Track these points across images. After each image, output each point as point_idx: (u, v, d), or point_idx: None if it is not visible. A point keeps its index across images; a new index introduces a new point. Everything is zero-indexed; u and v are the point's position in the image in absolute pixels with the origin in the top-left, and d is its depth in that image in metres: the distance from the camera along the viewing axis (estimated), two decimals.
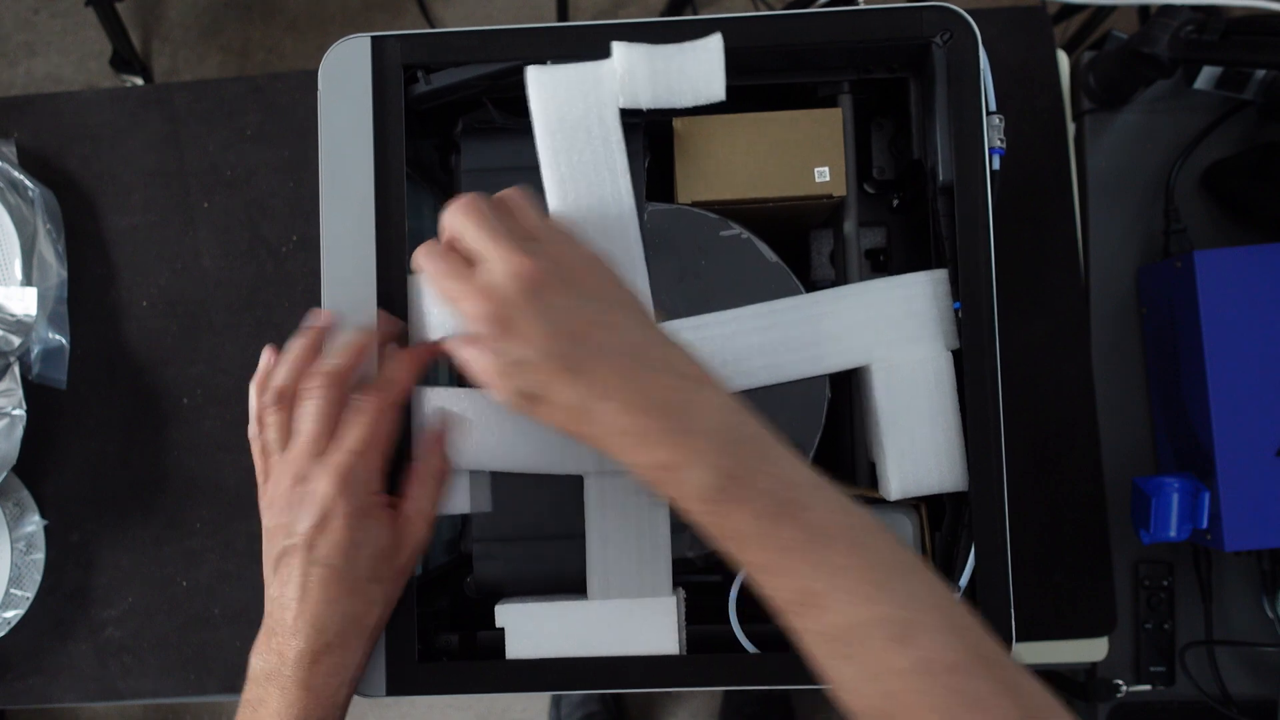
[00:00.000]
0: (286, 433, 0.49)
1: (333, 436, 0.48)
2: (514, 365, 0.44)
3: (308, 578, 0.47)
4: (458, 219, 0.46)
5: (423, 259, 0.48)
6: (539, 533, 0.56)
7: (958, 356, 0.54)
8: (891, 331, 0.54)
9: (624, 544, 0.53)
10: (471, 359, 0.45)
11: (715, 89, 0.53)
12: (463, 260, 0.46)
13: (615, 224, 0.53)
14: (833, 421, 0.57)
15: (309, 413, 0.49)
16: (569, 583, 0.55)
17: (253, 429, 0.51)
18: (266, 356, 0.51)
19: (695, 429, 0.43)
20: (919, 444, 0.54)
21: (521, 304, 0.43)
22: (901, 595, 0.41)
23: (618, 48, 0.53)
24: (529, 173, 0.54)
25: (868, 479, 0.63)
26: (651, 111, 0.54)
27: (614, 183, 0.53)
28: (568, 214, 0.52)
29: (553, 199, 0.53)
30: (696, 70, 0.53)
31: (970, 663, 0.40)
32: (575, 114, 0.53)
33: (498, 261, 0.44)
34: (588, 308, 0.44)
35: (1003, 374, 0.54)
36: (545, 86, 0.53)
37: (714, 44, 0.54)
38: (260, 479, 0.50)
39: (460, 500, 0.54)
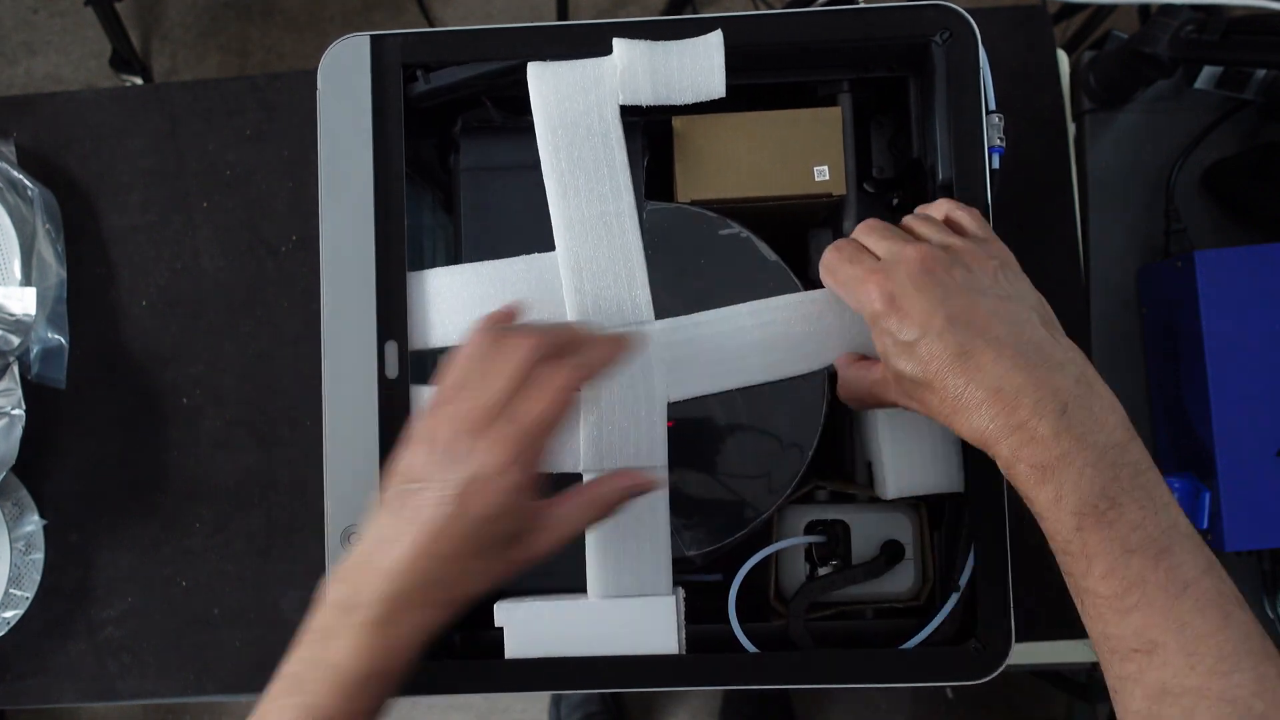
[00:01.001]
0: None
1: (516, 401, 0.44)
2: (902, 347, 0.44)
3: (436, 526, 0.43)
4: (862, 234, 0.49)
5: (828, 250, 0.50)
6: None
7: None
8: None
9: (624, 542, 0.53)
10: (874, 339, 0.46)
11: (715, 85, 0.53)
12: (857, 249, 0.48)
13: (615, 221, 0.53)
14: (832, 421, 0.57)
15: (505, 371, 0.44)
16: (569, 581, 0.55)
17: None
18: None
19: (1087, 440, 0.41)
20: (916, 444, 0.54)
21: (911, 284, 0.44)
22: (1257, 680, 0.38)
23: (618, 44, 0.53)
24: (528, 171, 0.54)
25: (866, 478, 0.63)
26: (651, 109, 0.54)
27: (614, 179, 0.53)
28: (566, 209, 0.52)
29: (553, 196, 0.53)
30: (697, 67, 0.53)
31: None
32: (576, 111, 0.53)
33: (891, 245, 0.46)
34: (984, 297, 0.44)
35: None
36: (546, 83, 0.53)
37: (714, 40, 0.54)
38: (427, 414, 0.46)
39: None
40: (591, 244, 0.53)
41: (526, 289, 0.54)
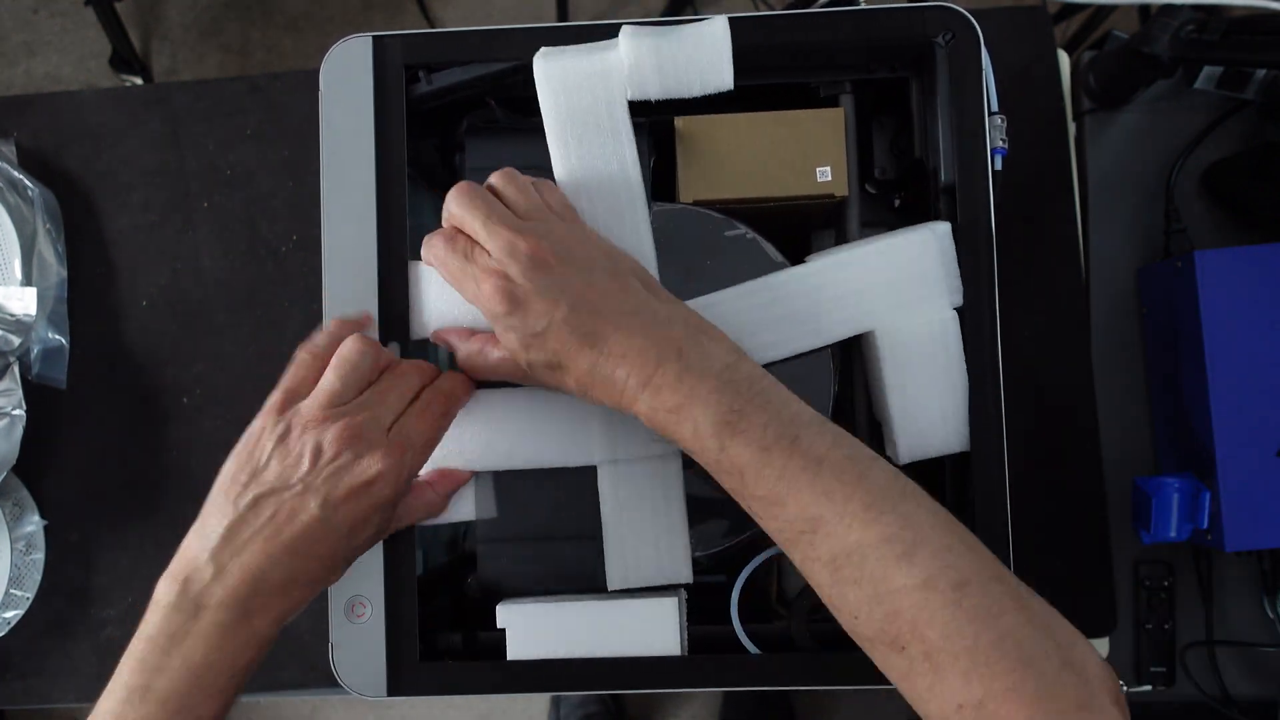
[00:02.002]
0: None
1: (407, 420, 0.48)
2: (532, 338, 0.46)
3: (306, 529, 0.45)
4: (457, 206, 0.49)
5: (428, 247, 0.50)
6: (543, 533, 0.56)
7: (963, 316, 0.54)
8: (894, 294, 0.53)
9: (641, 531, 0.53)
10: (499, 335, 0.48)
11: (723, 77, 0.53)
12: (468, 244, 0.49)
13: (629, 215, 0.53)
14: (837, 421, 0.56)
15: (402, 393, 0.49)
16: (571, 582, 0.55)
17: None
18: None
19: (701, 371, 0.45)
20: (925, 406, 0.53)
21: (528, 280, 0.46)
22: (903, 516, 0.42)
23: (624, 37, 0.53)
24: (535, 172, 0.54)
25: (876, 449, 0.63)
26: (660, 104, 0.54)
27: (624, 174, 0.53)
28: (579, 204, 0.53)
29: (564, 189, 0.53)
30: (703, 59, 0.53)
31: (974, 578, 0.41)
32: (584, 106, 0.53)
33: (501, 242, 0.47)
34: (592, 277, 0.47)
35: (1003, 373, 0.54)
36: (554, 79, 0.53)
37: (719, 29, 0.53)
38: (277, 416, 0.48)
39: (465, 507, 0.54)
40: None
41: None
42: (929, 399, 0.53)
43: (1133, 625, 0.74)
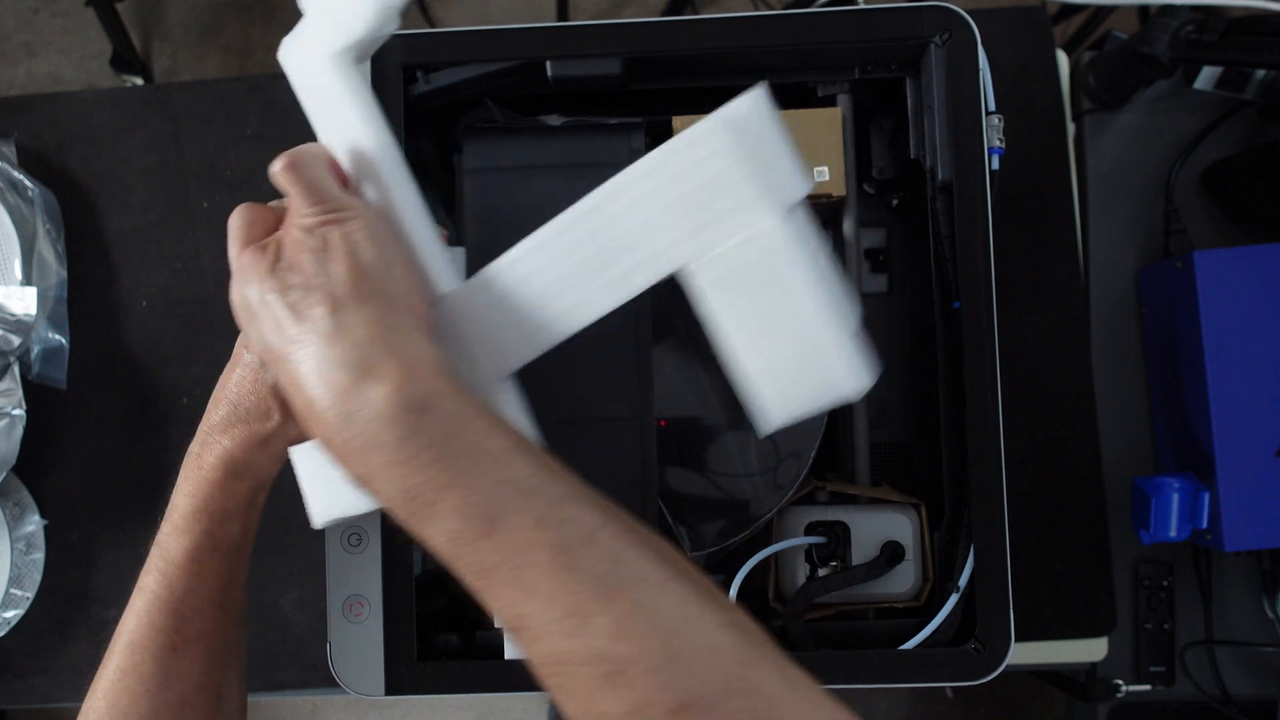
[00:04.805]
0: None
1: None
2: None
3: (239, 366, 0.48)
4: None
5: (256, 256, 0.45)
6: None
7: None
8: (698, 213, 0.40)
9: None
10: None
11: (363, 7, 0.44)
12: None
13: (369, 174, 0.45)
14: (833, 422, 0.57)
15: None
16: None
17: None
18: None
19: (369, 442, 0.37)
20: (776, 351, 0.41)
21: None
22: (614, 622, 0.35)
23: None
24: (532, 171, 0.54)
25: (867, 476, 0.63)
26: (661, 105, 0.54)
27: (351, 134, 0.46)
28: (351, 174, 0.46)
29: (343, 164, 0.47)
30: None
31: (699, 698, 0.34)
32: (309, 81, 0.47)
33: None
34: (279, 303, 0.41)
35: (1001, 374, 0.54)
36: (290, 61, 0.48)
37: None
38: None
39: None
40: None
41: None
42: (773, 339, 0.40)
43: (1132, 625, 0.74)
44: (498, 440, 0.38)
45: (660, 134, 0.58)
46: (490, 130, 0.59)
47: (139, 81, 1.58)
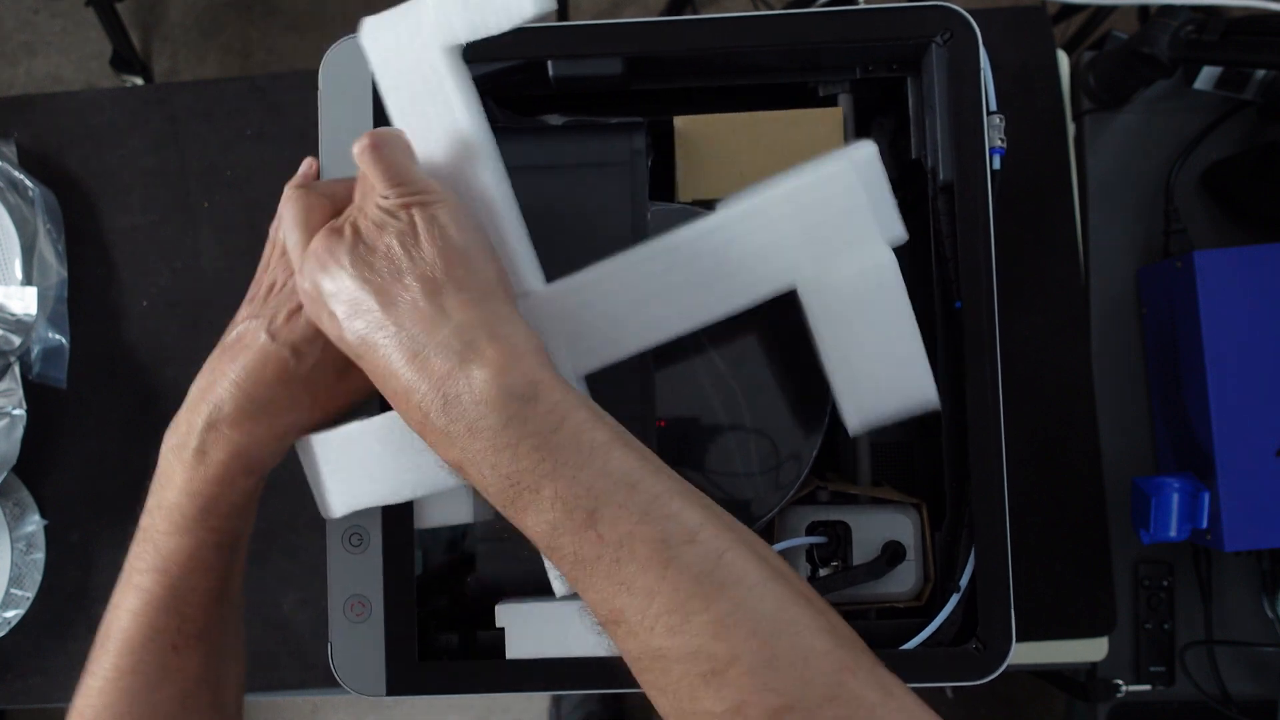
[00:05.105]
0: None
1: None
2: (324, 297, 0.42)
3: (254, 352, 0.46)
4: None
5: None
6: None
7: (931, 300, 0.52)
8: (814, 241, 0.46)
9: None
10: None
11: (524, 6, 0.46)
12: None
13: (468, 168, 0.47)
14: (834, 421, 0.56)
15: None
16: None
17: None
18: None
19: (470, 427, 0.37)
20: (870, 365, 0.47)
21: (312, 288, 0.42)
22: (716, 621, 0.34)
23: None
24: (533, 171, 0.54)
25: (868, 476, 0.63)
26: (660, 104, 0.53)
27: (455, 127, 0.47)
28: (428, 169, 0.46)
29: (434, 154, 0.48)
30: None
31: (799, 702, 0.33)
32: (406, 65, 0.48)
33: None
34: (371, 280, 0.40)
35: (1002, 374, 0.54)
36: (377, 48, 0.48)
37: None
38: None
39: (463, 510, 0.54)
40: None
41: None
42: (872, 356, 0.47)
43: (1132, 625, 0.74)
44: (601, 432, 0.37)
45: (661, 134, 0.58)
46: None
47: (139, 81, 1.58)
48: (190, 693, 0.46)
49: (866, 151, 0.46)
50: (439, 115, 0.46)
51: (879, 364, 0.47)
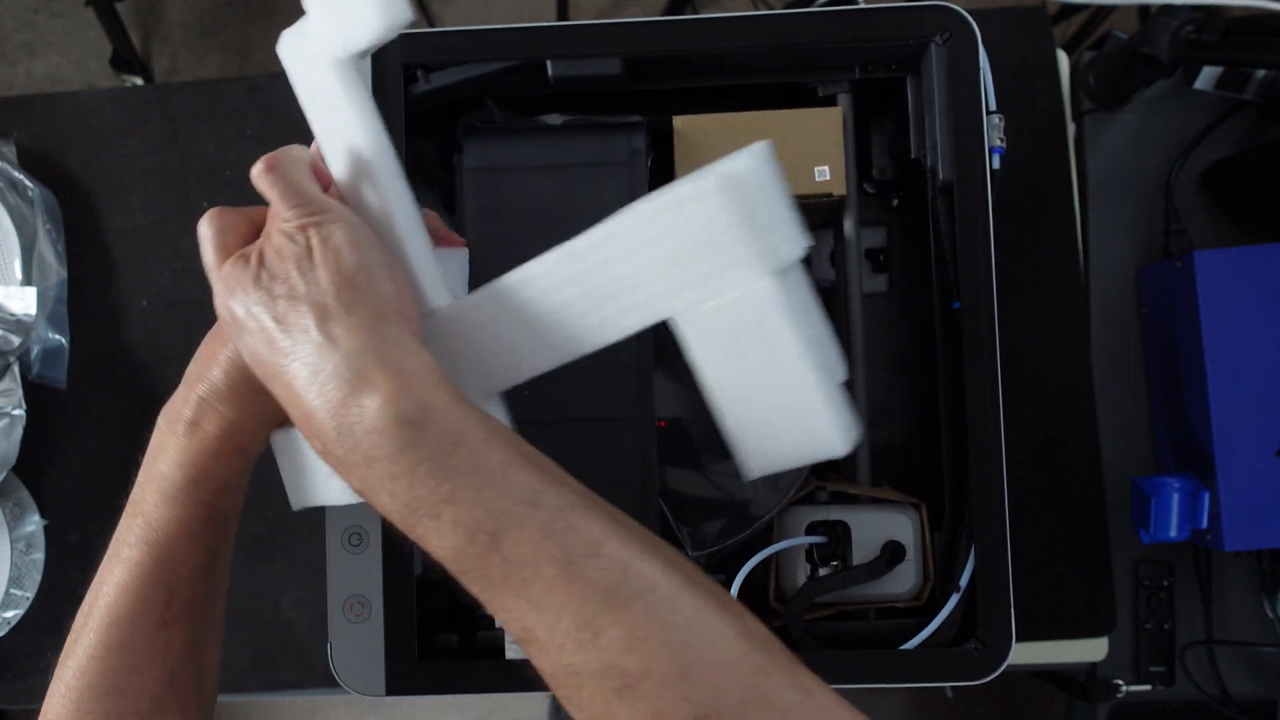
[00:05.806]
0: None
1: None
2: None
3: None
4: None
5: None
6: None
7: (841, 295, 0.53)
8: (692, 267, 0.39)
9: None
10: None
11: (373, 27, 0.42)
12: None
13: (365, 182, 0.45)
14: None
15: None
16: None
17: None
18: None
19: (366, 456, 0.36)
20: (758, 405, 0.41)
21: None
22: (626, 633, 0.34)
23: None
24: (532, 171, 0.54)
25: (868, 476, 0.63)
26: (659, 104, 0.53)
27: (351, 140, 0.45)
28: (341, 182, 0.45)
29: (333, 170, 0.46)
30: None
31: (713, 711, 0.33)
32: (310, 80, 0.46)
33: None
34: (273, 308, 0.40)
35: (1002, 374, 0.54)
36: (289, 56, 0.47)
37: None
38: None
39: None
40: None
41: None
42: (759, 395, 0.41)
43: (1132, 625, 0.74)
44: (498, 452, 0.37)
45: (660, 134, 0.58)
46: (490, 130, 0.59)
47: (139, 81, 1.58)
48: (177, 673, 0.45)
49: (742, 164, 0.39)
50: (337, 130, 0.45)
51: (769, 406, 0.41)
